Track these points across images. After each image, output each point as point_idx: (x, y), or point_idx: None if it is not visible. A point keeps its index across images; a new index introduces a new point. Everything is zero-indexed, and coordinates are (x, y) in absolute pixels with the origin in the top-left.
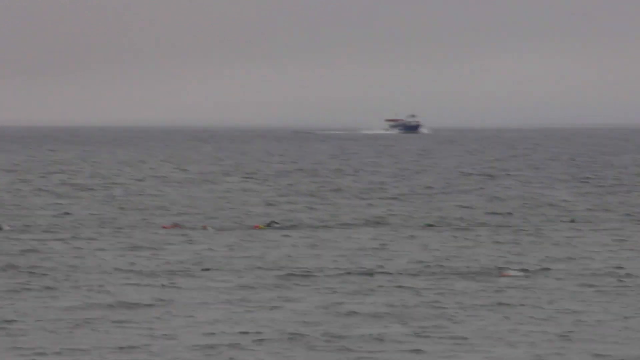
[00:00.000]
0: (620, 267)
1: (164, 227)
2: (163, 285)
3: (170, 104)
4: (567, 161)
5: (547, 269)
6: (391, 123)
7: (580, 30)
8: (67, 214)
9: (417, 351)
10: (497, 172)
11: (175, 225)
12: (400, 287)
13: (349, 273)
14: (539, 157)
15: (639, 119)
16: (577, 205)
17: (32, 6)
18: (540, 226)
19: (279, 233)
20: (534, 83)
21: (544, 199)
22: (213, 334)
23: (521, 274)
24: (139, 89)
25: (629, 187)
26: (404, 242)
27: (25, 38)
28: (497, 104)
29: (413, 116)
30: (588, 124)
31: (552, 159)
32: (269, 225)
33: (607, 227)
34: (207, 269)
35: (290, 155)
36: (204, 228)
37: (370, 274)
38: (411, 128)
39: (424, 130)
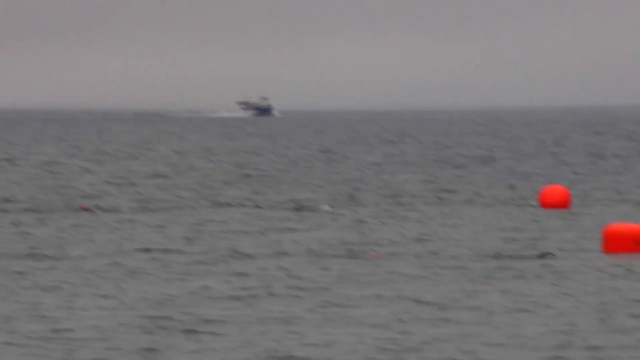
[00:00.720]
0: (461, 247)
1: None
2: None
3: (18, 86)
4: (413, 144)
5: (392, 251)
6: (242, 105)
7: (434, 12)
8: None
9: (261, 333)
10: (340, 154)
11: None
12: (244, 270)
13: (194, 254)
14: (384, 139)
15: (490, 103)
16: (418, 186)
17: None
18: (383, 208)
19: (119, 216)
20: (382, 66)
21: (386, 181)
22: (55, 317)
23: (373, 253)
24: None
25: (471, 169)
26: (247, 224)
27: None
28: (346, 87)
29: (264, 98)
30: (437, 107)
31: (395, 141)
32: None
33: (451, 209)
34: (76, 255)
35: (134, 138)
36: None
37: (216, 256)
38: (263, 110)
39: (275, 112)
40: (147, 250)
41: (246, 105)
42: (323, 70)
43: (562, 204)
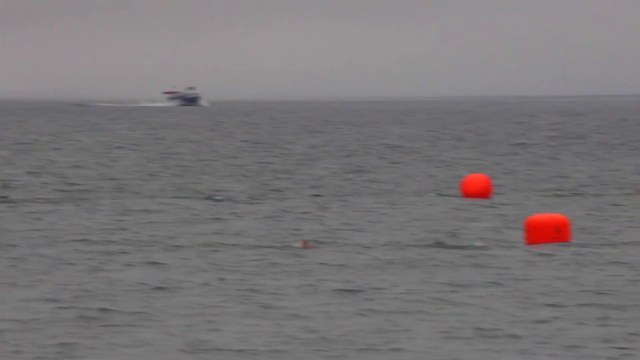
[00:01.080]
0: (384, 236)
1: None
2: None
3: None
4: (338, 133)
5: (316, 241)
6: (169, 95)
7: (366, 1)
8: None
9: (183, 324)
10: (265, 144)
11: None
12: (165, 260)
13: (115, 244)
14: (309, 128)
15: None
16: (342, 176)
17: None
18: (307, 198)
19: (40, 207)
20: (310, 55)
21: (310, 170)
22: None
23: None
24: None
25: (395, 159)
26: (169, 214)
27: None
28: (275, 77)
29: (191, 88)
30: (365, 97)
31: (320, 130)
32: None
33: (374, 199)
34: None
35: (55, 128)
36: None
37: (137, 246)
38: (190, 100)
39: (203, 102)
40: (68, 240)
41: (173, 95)
42: (253, 60)
43: (484, 193)
